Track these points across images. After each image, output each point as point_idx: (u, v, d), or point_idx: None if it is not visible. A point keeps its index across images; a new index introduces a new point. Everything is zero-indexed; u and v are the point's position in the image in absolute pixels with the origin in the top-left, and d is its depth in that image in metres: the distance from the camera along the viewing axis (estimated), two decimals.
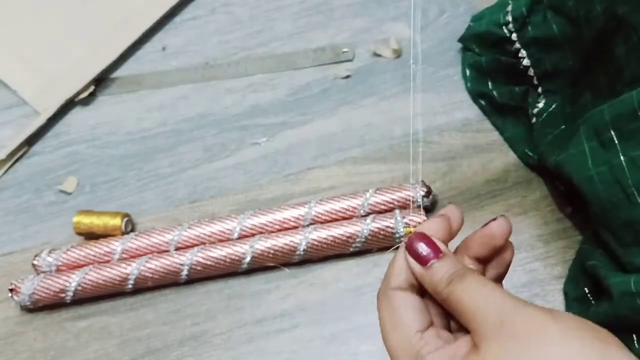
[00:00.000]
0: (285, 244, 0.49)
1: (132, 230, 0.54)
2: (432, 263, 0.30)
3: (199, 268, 0.50)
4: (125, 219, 0.53)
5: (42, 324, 0.52)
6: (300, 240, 0.49)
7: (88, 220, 0.53)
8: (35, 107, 0.60)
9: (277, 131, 0.57)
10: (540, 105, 0.50)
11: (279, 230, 0.51)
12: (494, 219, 0.32)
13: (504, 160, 0.54)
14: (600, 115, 0.40)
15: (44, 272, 0.51)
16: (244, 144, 0.57)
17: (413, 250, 0.31)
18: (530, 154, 0.52)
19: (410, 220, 0.49)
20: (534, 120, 0.51)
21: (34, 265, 0.51)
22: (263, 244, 0.50)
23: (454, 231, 0.33)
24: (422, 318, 0.30)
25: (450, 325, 0.32)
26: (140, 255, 0.51)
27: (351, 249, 0.50)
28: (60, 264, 0.51)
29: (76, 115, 0.61)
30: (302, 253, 0.50)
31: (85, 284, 0.50)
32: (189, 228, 0.51)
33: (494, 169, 0.53)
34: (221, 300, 0.51)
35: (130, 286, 0.50)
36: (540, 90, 0.51)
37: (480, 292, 0.28)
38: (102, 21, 0.63)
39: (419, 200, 0.50)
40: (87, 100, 0.61)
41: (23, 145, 0.59)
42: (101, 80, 0.61)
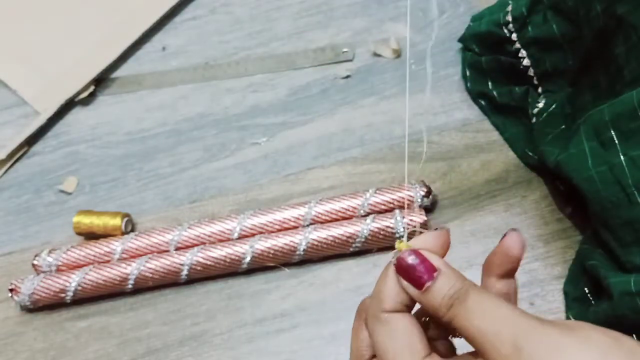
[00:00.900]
0: (285, 244, 0.49)
1: (132, 230, 0.54)
2: (428, 286, 0.27)
3: (199, 268, 0.50)
4: (125, 219, 0.53)
5: (42, 324, 0.52)
6: (300, 240, 0.49)
7: (88, 220, 0.53)
8: (35, 107, 0.60)
9: (277, 131, 0.57)
10: (540, 105, 0.50)
11: (279, 230, 0.51)
12: (505, 235, 0.30)
13: (504, 160, 0.54)
14: (601, 115, 0.40)
15: (44, 272, 0.51)
16: (244, 144, 0.57)
17: (404, 273, 0.28)
18: (530, 154, 0.52)
19: (411, 220, 0.49)
20: (534, 120, 0.51)
21: (34, 265, 0.51)
22: (263, 244, 0.50)
23: (446, 244, 0.30)
24: (425, 342, 0.28)
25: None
26: (140, 255, 0.51)
27: (351, 249, 0.50)
28: (60, 264, 0.51)
29: (76, 115, 0.61)
30: (302, 253, 0.50)
31: (85, 284, 0.50)
32: (189, 228, 0.51)
33: (494, 169, 0.53)
34: (221, 300, 0.51)
35: (130, 286, 0.50)
36: (540, 90, 0.51)
37: (488, 314, 0.26)
38: (102, 21, 0.63)
39: (418, 200, 0.50)
40: (87, 100, 0.61)
41: (23, 145, 0.59)
42: (101, 80, 0.62)
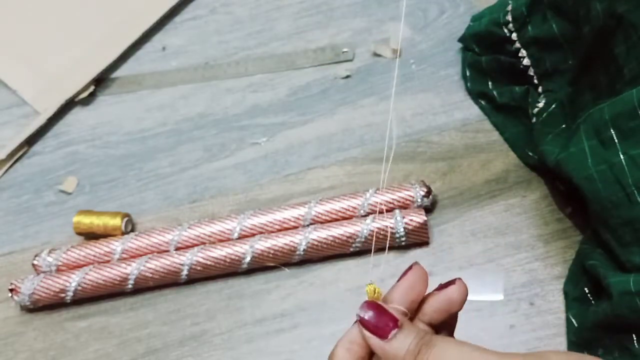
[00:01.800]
0: (285, 244, 0.49)
1: (132, 230, 0.54)
2: (394, 334, 0.28)
3: (199, 268, 0.50)
4: (125, 219, 0.53)
5: (42, 324, 0.52)
6: (300, 240, 0.49)
7: (88, 220, 0.53)
8: (35, 107, 0.60)
9: (277, 131, 0.57)
10: (541, 105, 0.50)
11: (279, 230, 0.51)
12: (452, 283, 0.30)
13: (504, 160, 0.54)
14: (600, 114, 0.40)
15: (44, 272, 0.51)
16: (244, 144, 0.57)
17: (368, 324, 0.29)
18: (530, 154, 0.52)
19: (411, 220, 0.49)
20: (534, 120, 0.51)
21: (34, 265, 0.51)
22: (263, 244, 0.50)
23: (421, 292, 0.31)
24: None
25: None
26: (140, 255, 0.51)
27: (351, 249, 0.50)
28: (60, 264, 0.51)
29: (76, 115, 0.61)
30: (302, 253, 0.50)
31: (85, 284, 0.50)
32: (189, 228, 0.51)
33: (494, 169, 0.53)
34: (221, 300, 0.51)
35: (130, 286, 0.50)
36: (540, 89, 0.51)
37: (455, 357, 0.26)
38: (102, 21, 0.63)
39: (418, 200, 0.50)
40: (87, 100, 0.61)
41: (23, 145, 0.59)
42: (101, 80, 0.62)
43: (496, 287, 0.48)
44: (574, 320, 0.45)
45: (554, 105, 0.49)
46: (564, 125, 0.47)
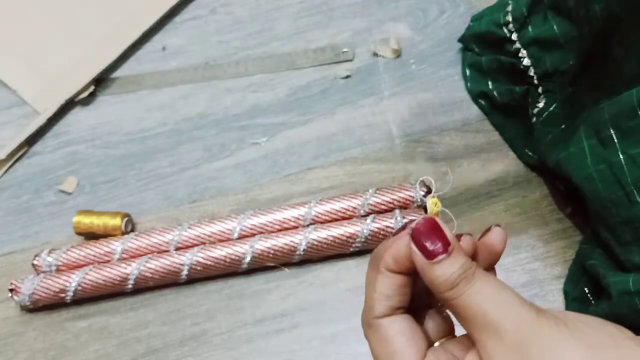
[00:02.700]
0: (285, 244, 0.49)
1: (132, 230, 0.54)
2: (439, 259, 0.27)
3: (199, 268, 0.50)
4: (125, 219, 0.53)
5: (42, 324, 0.52)
6: (300, 240, 0.49)
7: (88, 220, 0.53)
8: (35, 107, 0.60)
9: (277, 131, 0.57)
10: (541, 105, 0.50)
11: (279, 230, 0.51)
12: (489, 230, 0.30)
13: (504, 160, 0.54)
14: (600, 114, 0.40)
15: (44, 272, 0.51)
16: (244, 144, 0.57)
17: (421, 237, 0.27)
18: (530, 154, 0.52)
19: (411, 220, 0.49)
20: (534, 120, 0.51)
21: (34, 265, 0.51)
22: (263, 244, 0.50)
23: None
24: (418, 343, 0.28)
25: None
26: (140, 255, 0.51)
27: (351, 249, 0.50)
28: (60, 264, 0.51)
29: (76, 115, 0.61)
30: (302, 253, 0.50)
31: (85, 284, 0.50)
32: (189, 228, 0.51)
33: (494, 169, 0.53)
34: (221, 300, 0.51)
35: (130, 286, 0.50)
36: (540, 90, 0.51)
37: (493, 298, 0.26)
38: (102, 21, 0.63)
39: (418, 200, 0.50)
40: (87, 100, 0.61)
41: (23, 145, 0.59)
42: (101, 80, 0.62)
43: None
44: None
45: (554, 106, 0.49)
46: (564, 126, 0.47)
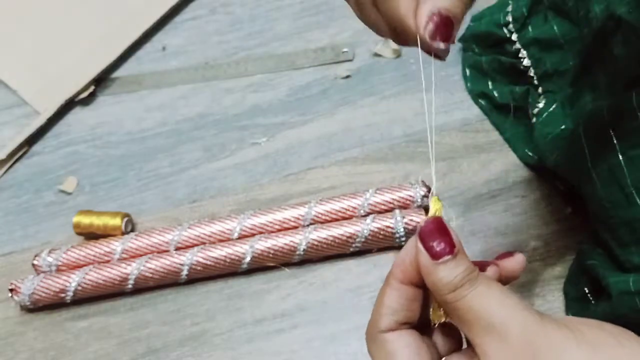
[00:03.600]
0: (285, 244, 0.49)
1: (132, 230, 0.54)
2: (445, 259, 0.26)
3: (199, 268, 0.50)
4: (125, 219, 0.53)
5: (42, 324, 0.52)
6: (300, 240, 0.49)
7: (88, 220, 0.53)
8: (35, 107, 0.60)
9: (277, 131, 0.57)
10: (541, 105, 0.50)
11: (279, 230, 0.51)
12: (510, 254, 0.30)
13: (504, 160, 0.54)
14: (600, 115, 0.40)
15: (44, 272, 0.51)
16: (244, 144, 0.57)
17: (429, 237, 0.27)
18: (530, 154, 0.52)
19: (411, 220, 0.49)
20: (534, 120, 0.51)
21: (34, 265, 0.51)
22: (263, 244, 0.50)
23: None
24: (424, 358, 0.27)
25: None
26: (140, 255, 0.51)
27: (351, 249, 0.50)
28: (60, 264, 0.51)
29: (76, 115, 0.61)
30: (302, 253, 0.50)
31: (85, 284, 0.50)
32: (189, 228, 0.51)
33: (494, 169, 0.53)
34: (221, 300, 0.51)
35: (130, 286, 0.50)
36: (540, 90, 0.51)
37: (497, 300, 0.25)
38: (102, 21, 0.63)
39: (418, 200, 0.50)
40: (87, 100, 0.61)
41: (23, 145, 0.59)
42: (101, 80, 0.62)
43: None
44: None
45: (554, 106, 0.49)
46: (563, 126, 0.47)
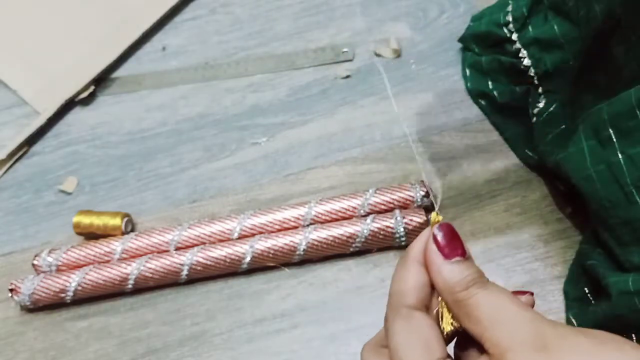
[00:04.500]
0: (285, 244, 0.49)
1: (132, 230, 0.54)
2: (457, 259, 0.27)
3: (199, 268, 0.50)
4: (125, 219, 0.53)
5: (42, 324, 0.52)
6: (300, 240, 0.49)
7: (88, 220, 0.53)
8: (35, 107, 0.60)
9: (277, 131, 0.57)
10: (541, 105, 0.50)
11: (279, 230, 0.51)
12: (522, 293, 0.30)
13: (504, 160, 0.54)
14: (599, 114, 0.40)
15: (44, 272, 0.51)
16: (244, 144, 0.57)
17: (439, 239, 0.28)
18: (530, 154, 0.52)
19: (411, 220, 0.49)
20: (534, 120, 0.51)
21: (34, 265, 0.51)
22: (263, 244, 0.50)
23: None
24: (443, 345, 0.27)
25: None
26: (140, 255, 0.51)
27: (351, 249, 0.50)
28: (60, 264, 0.51)
29: (76, 115, 0.61)
30: (302, 253, 0.50)
31: (85, 284, 0.50)
32: (189, 228, 0.51)
33: (494, 169, 0.53)
34: (221, 300, 0.51)
35: (130, 286, 0.50)
36: (540, 90, 0.51)
37: (508, 300, 0.26)
38: (102, 21, 0.63)
39: (418, 200, 0.50)
40: (87, 100, 0.61)
41: (23, 145, 0.59)
42: (101, 80, 0.62)
43: None
44: (574, 320, 0.45)
45: (554, 106, 0.49)
46: (563, 126, 0.47)
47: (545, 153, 0.47)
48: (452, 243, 0.27)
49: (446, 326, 0.29)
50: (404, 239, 0.49)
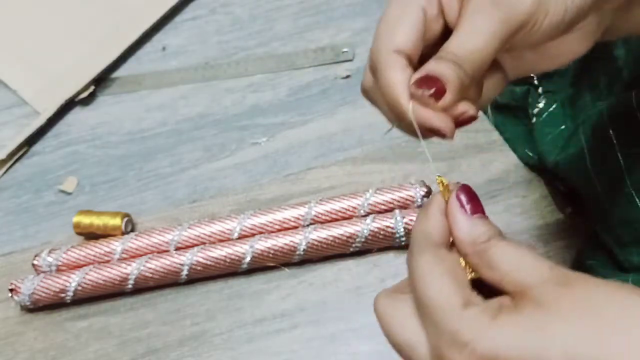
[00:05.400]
0: (285, 244, 0.49)
1: (132, 230, 0.54)
2: (478, 216, 0.27)
3: (199, 268, 0.50)
4: (125, 219, 0.53)
5: (42, 324, 0.52)
6: (300, 240, 0.49)
7: (88, 220, 0.53)
8: (35, 107, 0.60)
9: (277, 131, 0.57)
10: (541, 105, 0.51)
11: (279, 230, 0.51)
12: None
13: (504, 160, 0.54)
14: (599, 115, 0.40)
15: (44, 272, 0.51)
16: (244, 144, 0.57)
17: (461, 199, 0.28)
18: (530, 154, 0.52)
19: (411, 220, 0.49)
20: (534, 120, 0.51)
21: (34, 265, 0.51)
22: (263, 244, 0.50)
23: None
24: (468, 282, 0.27)
25: None
26: (140, 255, 0.51)
27: (351, 249, 0.50)
28: (60, 264, 0.51)
29: (76, 115, 0.61)
30: (302, 253, 0.50)
31: (85, 284, 0.50)
32: (189, 228, 0.51)
33: (494, 169, 0.53)
34: (221, 300, 0.51)
35: (130, 286, 0.50)
36: (540, 90, 0.51)
37: (526, 252, 0.26)
38: (102, 21, 0.63)
39: (418, 200, 0.50)
40: (87, 100, 0.61)
41: (23, 145, 0.59)
42: (101, 80, 0.62)
43: None
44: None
45: (554, 106, 0.49)
46: (563, 126, 0.47)
47: (545, 153, 0.48)
48: (474, 202, 0.28)
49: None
50: (404, 239, 0.49)
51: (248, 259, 0.50)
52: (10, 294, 0.50)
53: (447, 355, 0.25)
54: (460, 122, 0.28)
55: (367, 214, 0.51)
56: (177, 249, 0.51)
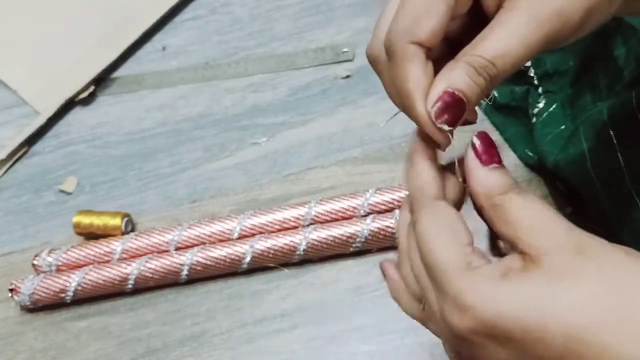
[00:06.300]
0: (285, 244, 0.50)
1: (132, 230, 0.54)
2: (494, 166, 0.27)
3: (199, 268, 0.50)
4: (125, 219, 0.53)
5: (42, 324, 0.52)
6: (300, 240, 0.49)
7: (88, 220, 0.53)
8: (35, 107, 0.60)
9: (277, 131, 0.57)
10: (541, 105, 0.51)
11: (279, 230, 0.51)
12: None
13: (504, 160, 0.53)
14: (599, 115, 0.40)
15: (44, 272, 0.51)
16: (244, 144, 0.57)
17: (477, 147, 0.28)
18: (530, 154, 0.52)
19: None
20: (534, 120, 0.51)
21: (34, 265, 0.51)
22: (263, 244, 0.50)
23: None
24: (469, 233, 0.27)
25: None
26: (140, 255, 0.51)
27: (351, 249, 0.50)
28: (60, 264, 0.51)
29: (76, 115, 0.61)
30: (302, 253, 0.50)
31: (85, 284, 0.50)
32: (189, 228, 0.51)
33: None
34: (221, 300, 0.51)
35: (130, 286, 0.50)
36: (540, 90, 0.51)
37: (544, 209, 0.25)
38: (102, 21, 0.63)
39: None
40: (87, 100, 0.61)
41: (23, 145, 0.59)
42: (101, 80, 0.62)
43: None
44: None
45: (554, 106, 0.49)
46: (563, 126, 0.47)
47: (545, 153, 0.47)
48: (490, 150, 0.27)
49: None
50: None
51: (248, 259, 0.50)
52: (10, 294, 0.50)
53: (448, 317, 0.25)
54: (460, 124, 0.28)
55: (367, 214, 0.51)
56: (177, 249, 0.51)
